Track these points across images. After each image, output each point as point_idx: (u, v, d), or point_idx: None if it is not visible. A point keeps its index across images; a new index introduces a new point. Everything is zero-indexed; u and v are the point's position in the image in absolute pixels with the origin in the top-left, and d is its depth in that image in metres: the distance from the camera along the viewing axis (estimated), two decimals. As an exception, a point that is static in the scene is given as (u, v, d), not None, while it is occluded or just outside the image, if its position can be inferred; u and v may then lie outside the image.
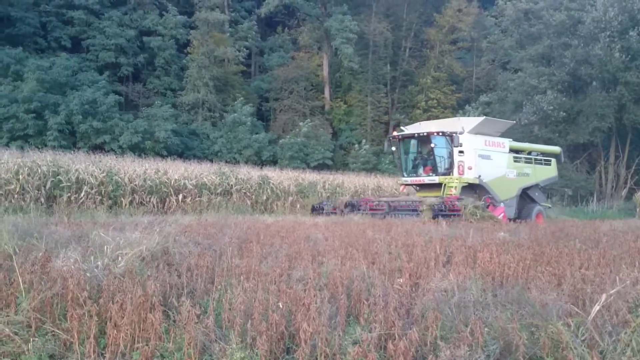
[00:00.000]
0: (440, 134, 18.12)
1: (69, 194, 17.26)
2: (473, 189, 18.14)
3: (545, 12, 35.34)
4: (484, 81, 46.95)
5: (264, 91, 44.01)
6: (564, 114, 33.02)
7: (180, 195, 19.88)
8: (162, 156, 27.50)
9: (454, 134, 17.49)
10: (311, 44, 45.77)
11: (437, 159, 18.27)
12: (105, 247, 5.57)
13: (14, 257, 5.15)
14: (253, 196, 22.42)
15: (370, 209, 17.39)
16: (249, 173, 23.84)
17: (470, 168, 17.90)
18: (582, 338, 3.60)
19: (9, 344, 3.73)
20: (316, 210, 19.11)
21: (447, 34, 46.02)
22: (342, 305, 4.13)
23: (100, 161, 19.95)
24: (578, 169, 35.44)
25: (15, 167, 17.05)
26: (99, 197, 17.78)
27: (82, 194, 17.45)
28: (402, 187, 20.42)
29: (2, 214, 12.81)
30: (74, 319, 3.68)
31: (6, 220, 8.04)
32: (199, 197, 20.43)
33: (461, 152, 17.82)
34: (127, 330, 3.66)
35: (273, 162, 35.80)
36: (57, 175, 17.40)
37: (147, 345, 3.56)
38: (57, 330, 3.88)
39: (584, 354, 3.39)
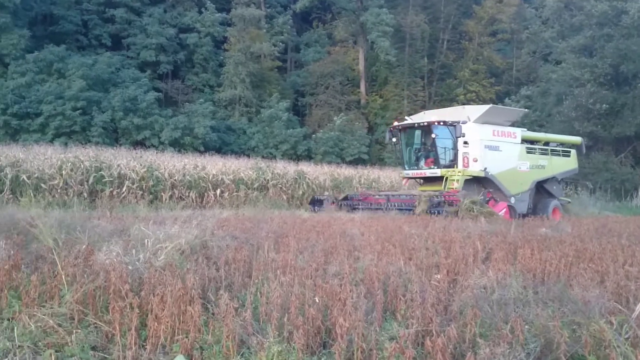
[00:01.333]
0: (442, 123, 16.90)
1: (111, 189, 17.71)
2: (480, 182, 17.02)
3: (586, 3, 34.33)
4: (524, 73, 45.96)
5: (299, 86, 44.13)
6: (607, 106, 32.04)
7: (218, 190, 20.14)
8: (200, 152, 27.96)
9: (456, 124, 16.34)
10: (347, 38, 45.61)
11: (439, 151, 17.03)
12: (146, 240, 5.69)
13: (57, 250, 5.30)
14: (289, 191, 22.54)
15: (367, 204, 16.53)
16: (285, 168, 23.98)
17: (475, 160, 16.74)
18: (626, 336, 3.50)
19: (53, 335, 3.85)
20: (315, 204, 17.94)
21: (486, 25, 45.20)
22: (378, 301, 4.11)
23: (141, 157, 20.40)
24: (622, 163, 34.36)
25: (59, 162, 17.59)
26: (140, 192, 18.18)
27: (123, 189, 17.89)
28: (404, 180, 19.44)
29: (46, 208, 13.22)
30: (116, 311, 3.77)
31: (50, 215, 8.28)
32: (236, 192, 20.65)
33: (466, 143, 16.69)
34: (168, 322, 3.73)
35: (308, 157, 35.93)
36: (100, 171, 17.88)
37: (186, 337, 3.62)
38: (100, 322, 3.98)
39: (627, 353, 3.30)
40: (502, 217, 14.14)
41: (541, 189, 19.02)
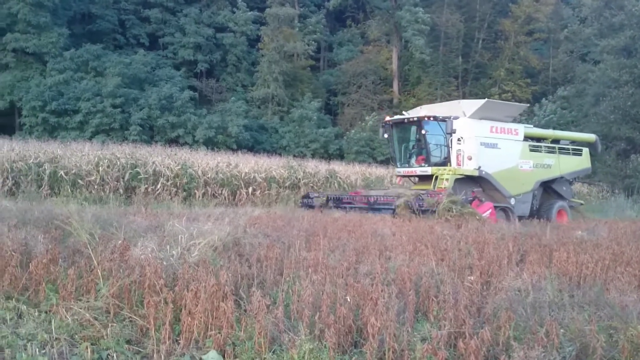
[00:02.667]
0: (432, 118, 15.74)
1: (146, 186, 18.04)
2: (477, 182, 15.96)
3: (627, 2, 33.39)
4: (561, 73, 45.01)
5: (332, 85, 44.14)
6: None
7: (250, 188, 20.30)
8: (233, 150, 28.22)
9: (448, 119, 15.28)
10: (380, 37, 45.40)
11: (430, 147, 15.96)
12: (180, 236, 5.77)
13: (94, 245, 5.42)
14: (321, 190, 22.58)
15: (350, 204, 15.44)
16: (317, 167, 24.04)
17: (470, 158, 15.53)
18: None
19: (89, 329, 3.94)
20: (305, 202, 16.65)
21: (522, 24, 44.40)
22: (410, 301, 4.09)
23: (175, 154, 20.70)
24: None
25: (96, 159, 17.99)
26: (174, 189, 18.46)
27: (158, 186, 18.20)
28: (398, 179, 18.44)
29: (83, 204, 13.54)
30: (150, 305, 3.83)
31: (87, 210, 8.47)
32: (268, 190, 20.78)
33: (460, 139, 15.56)
34: (201, 317, 3.78)
35: (340, 156, 35.90)
36: (135, 168, 18.23)
37: (219, 333, 3.66)
38: (135, 317, 4.06)
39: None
40: (487, 219, 13.02)
41: (549, 190, 17.83)
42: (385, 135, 17.31)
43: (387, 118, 17.56)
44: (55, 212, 8.69)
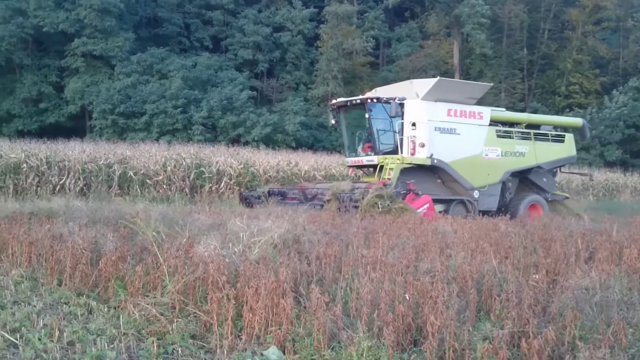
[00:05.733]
0: (375, 100, 14.05)
1: (210, 185, 18.55)
2: (434, 172, 14.34)
3: None
4: (632, 64, 42.81)
5: (391, 81, 43.64)
6: None
7: (310, 185, 20.46)
8: (293, 148, 28.51)
9: (392, 100, 13.63)
10: (439, 31, 44.61)
11: (376, 134, 14.23)
12: (241, 234, 5.89)
13: (160, 243, 5.62)
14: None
15: (288, 199, 14.09)
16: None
17: (422, 145, 13.71)
18: None
19: (155, 324, 4.08)
20: (247, 199, 14.89)
21: (590, 13, 42.46)
22: (471, 300, 4.01)
23: (237, 154, 21.15)
24: None
25: (163, 159, 18.65)
26: (237, 188, 18.87)
27: (221, 185, 18.67)
28: (350, 170, 16.72)
29: (151, 203, 14.05)
30: (213, 301, 3.93)
31: (154, 209, 8.79)
32: (328, 187, 20.86)
33: (413, 124, 13.78)
34: (262, 313, 3.85)
35: (401, 152, 35.53)
36: (200, 167, 18.77)
37: (279, 329, 3.72)
38: (199, 312, 4.18)
39: None
40: (422, 215, 11.53)
41: (528, 182, 16.02)
42: (333, 121, 15.82)
43: (333, 101, 15.83)
44: (124, 212, 9.06)
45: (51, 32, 34.27)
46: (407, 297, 4.03)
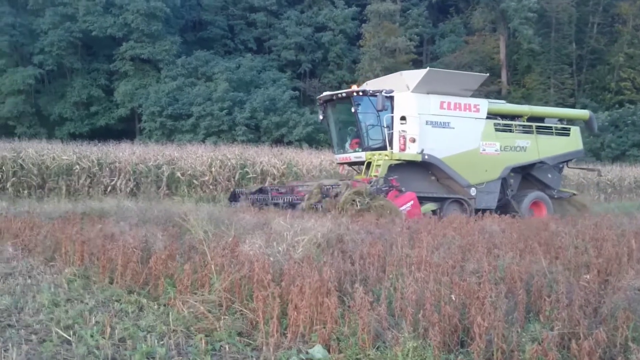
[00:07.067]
0: (361, 93, 13.32)
1: (254, 185, 18.75)
2: (428, 169, 13.65)
3: None
4: (687, 58, 40.98)
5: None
6: None
7: (354, 185, 20.42)
8: (335, 147, 28.53)
9: (378, 93, 12.90)
10: (485, 26, 43.75)
11: (363, 129, 13.51)
12: (285, 233, 5.93)
13: (207, 242, 5.72)
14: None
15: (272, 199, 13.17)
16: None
17: (413, 140, 12.97)
18: None
19: (203, 321, 4.16)
20: (233, 198, 14.20)
21: (642, 6, 40.93)
22: (520, 301, 3.93)
23: (281, 154, 21.31)
24: None
25: (209, 160, 19.00)
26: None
27: (266, 184, 18.83)
28: (340, 167, 15.99)
29: (198, 203, 14.32)
30: (259, 299, 3.98)
31: (201, 209, 8.96)
32: (371, 187, 20.78)
33: (403, 118, 13.05)
34: (306, 312, 3.86)
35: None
36: (244, 168, 19.03)
37: (324, 328, 3.73)
38: (245, 310, 4.23)
39: None
40: (406, 214, 10.84)
41: (531, 179, 15.17)
42: (321, 117, 14.95)
43: (320, 96, 15.17)
44: (173, 211, 9.28)
45: (100, 37, 35.43)
46: (453, 298, 3.98)
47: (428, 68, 14.15)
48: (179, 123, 33.42)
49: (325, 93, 14.79)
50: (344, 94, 13.85)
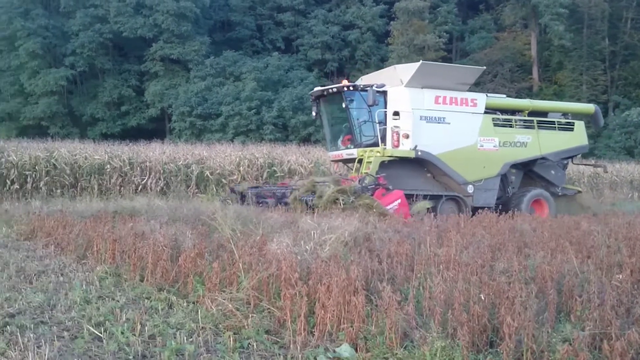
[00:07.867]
0: (352, 88, 12.96)
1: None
2: (423, 165, 13.24)
3: None
4: None
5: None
6: None
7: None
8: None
9: (369, 88, 12.45)
10: (516, 22, 43.08)
11: (355, 124, 13.10)
12: (312, 232, 5.95)
13: (235, 240, 5.76)
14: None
15: (258, 198, 13.03)
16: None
17: (406, 136, 12.59)
18: None
19: (231, 319, 4.19)
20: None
21: (678, -1, 39.78)
22: (551, 301, 3.86)
23: (308, 152, 21.34)
24: None
25: (237, 159, 19.14)
26: (308, 186, 19.07)
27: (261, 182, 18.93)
28: (335, 165, 15.69)
29: (226, 202, 14.40)
30: (286, 298, 4.00)
31: (229, 208, 9.03)
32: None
33: (396, 113, 12.67)
34: (334, 311, 3.86)
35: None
36: (272, 166, 19.12)
37: (351, 326, 3.72)
38: (273, 308, 4.25)
39: None
40: (394, 213, 10.37)
41: (533, 175, 14.70)
42: (314, 113, 14.54)
43: (312, 91, 14.76)
44: (202, 210, 9.39)
45: (130, 37, 36.05)
46: (483, 298, 3.93)
47: (421, 61, 13.60)
48: (208, 122, 33.78)
49: (316, 88, 14.39)
50: (334, 89, 13.47)
